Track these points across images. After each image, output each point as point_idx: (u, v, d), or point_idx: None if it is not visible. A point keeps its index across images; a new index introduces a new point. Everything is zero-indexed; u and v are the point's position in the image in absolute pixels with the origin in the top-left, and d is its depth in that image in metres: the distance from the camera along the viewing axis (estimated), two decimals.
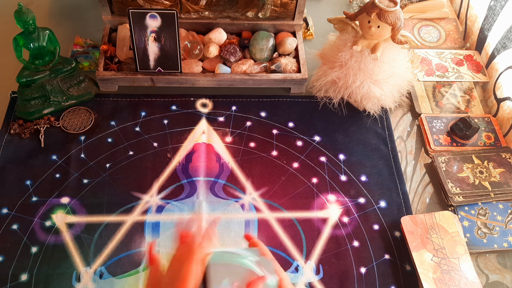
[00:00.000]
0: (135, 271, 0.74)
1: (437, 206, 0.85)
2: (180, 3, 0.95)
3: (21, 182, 0.82)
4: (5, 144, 0.87)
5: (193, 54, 0.95)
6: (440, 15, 1.12)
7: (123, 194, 0.82)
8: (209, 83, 0.95)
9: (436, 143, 0.91)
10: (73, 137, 0.88)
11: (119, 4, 0.95)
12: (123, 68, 0.95)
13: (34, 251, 0.75)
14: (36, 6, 1.09)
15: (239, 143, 0.89)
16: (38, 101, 0.90)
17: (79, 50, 0.99)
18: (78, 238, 0.77)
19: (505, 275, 0.78)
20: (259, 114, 0.94)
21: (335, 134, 0.92)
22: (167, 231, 0.78)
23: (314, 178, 0.86)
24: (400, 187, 0.86)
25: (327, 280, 0.75)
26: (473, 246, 0.79)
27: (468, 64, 1.03)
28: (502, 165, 0.87)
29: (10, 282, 0.72)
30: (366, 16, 0.82)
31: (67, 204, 0.80)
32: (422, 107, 0.96)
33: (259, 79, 0.94)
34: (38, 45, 0.84)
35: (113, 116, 0.92)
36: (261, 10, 0.96)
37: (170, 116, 0.92)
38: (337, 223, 0.81)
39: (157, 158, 0.86)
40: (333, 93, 0.93)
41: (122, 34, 0.97)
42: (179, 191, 0.83)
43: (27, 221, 0.78)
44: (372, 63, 0.86)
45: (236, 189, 0.84)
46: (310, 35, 1.07)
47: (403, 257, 0.78)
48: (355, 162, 0.88)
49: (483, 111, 0.97)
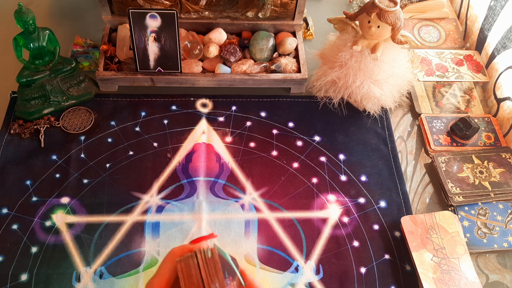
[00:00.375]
0: (135, 271, 0.74)
1: (437, 206, 0.85)
2: (180, 3, 0.95)
3: (21, 182, 0.82)
4: (5, 144, 0.87)
5: (193, 54, 0.95)
6: (440, 15, 1.12)
7: (123, 194, 0.82)
8: (209, 83, 0.95)
9: (436, 143, 0.91)
10: (73, 137, 0.88)
11: (119, 4, 0.95)
12: (123, 68, 0.95)
13: (34, 251, 0.75)
14: (36, 6, 1.09)
15: (239, 143, 0.89)
16: (38, 101, 0.90)
17: (79, 50, 0.99)
18: (78, 238, 0.77)
19: (505, 275, 0.77)
20: (259, 114, 0.94)
21: (335, 134, 0.92)
22: (167, 231, 0.78)
23: (314, 178, 0.86)
24: (400, 187, 0.86)
25: (327, 280, 0.75)
26: (473, 246, 0.79)
27: (468, 64, 1.03)
28: (502, 165, 0.87)
29: (10, 282, 0.72)
30: (366, 16, 0.82)
31: (67, 204, 0.80)
32: (422, 107, 0.96)
33: (259, 79, 0.94)
34: (38, 45, 0.84)
35: (113, 116, 0.92)
36: (261, 10, 0.96)
37: (170, 116, 0.92)
38: (337, 223, 0.81)
39: (157, 158, 0.86)
40: (333, 93, 0.93)
41: (122, 34, 0.97)
42: (179, 191, 0.83)
43: (27, 221, 0.78)
44: (372, 63, 0.86)
45: (236, 189, 0.84)
46: (310, 35, 1.07)
47: (403, 257, 0.78)
48: (355, 162, 0.88)
49: (483, 111, 0.97)
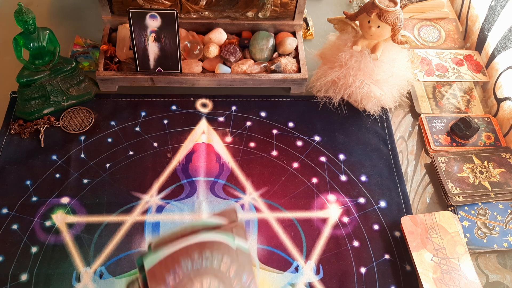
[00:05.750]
0: (135, 271, 0.74)
1: (437, 206, 0.85)
2: (180, 3, 0.95)
3: (21, 182, 0.82)
4: (5, 144, 0.87)
5: (193, 54, 0.95)
6: (440, 15, 1.12)
7: (123, 194, 0.82)
8: (209, 83, 0.95)
9: (436, 143, 0.91)
10: (73, 137, 0.88)
11: (119, 4, 0.95)
12: (123, 68, 0.95)
13: (34, 251, 0.75)
14: (36, 6, 1.09)
15: (239, 143, 0.89)
16: (38, 101, 0.90)
17: (79, 50, 0.99)
18: (78, 238, 0.77)
19: (505, 275, 0.77)
20: (259, 114, 0.94)
21: (335, 134, 0.92)
22: (167, 231, 0.78)
23: (314, 178, 0.86)
24: (400, 187, 0.86)
25: (327, 280, 0.75)
26: (473, 246, 0.79)
27: (468, 64, 1.03)
28: (502, 165, 0.87)
29: (10, 282, 0.72)
30: (366, 16, 0.82)
31: (67, 204, 0.80)
32: (422, 107, 0.96)
33: (259, 79, 0.94)
34: (38, 45, 0.84)
35: (113, 116, 0.92)
36: (261, 10, 0.96)
37: (170, 116, 0.92)
38: (337, 223, 0.81)
39: (157, 158, 0.86)
40: (333, 93, 0.93)
41: (122, 34, 0.97)
42: (179, 191, 0.83)
43: (27, 221, 0.78)
44: (372, 63, 0.86)
45: (236, 189, 0.84)
46: (310, 35, 1.07)
47: (403, 257, 0.78)
48: (355, 162, 0.88)
49: (483, 111, 0.97)
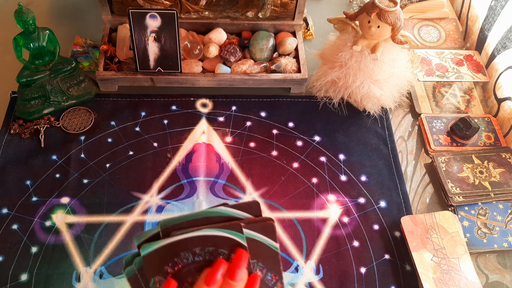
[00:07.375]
0: None
1: (437, 206, 0.85)
2: (180, 3, 0.95)
3: (21, 182, 0.82)
4: (5, 144, 0.87)
5: (193, 54, 0.95)
6: (440, 15, 1.12)
7: (123, 194, 0.82)
8: (209, 83, 0.95)
9: (436, 143, 0.91)
10: (73, 137, 0.88)
11: (119, 4, 0.95)
12: (123, 68, 0.94)
13: (34, 251, 0.75)
14: (36, 6, 1.09)
15: (239, 143, 0.89)
16: (38, 101, 0.90)
17: (79, 50, 0.99)
18: (78, 238, 0.77)
19: (505, 275, 0.77)
20: (259, 114, 0.94)
21: (335, 134, 0.92)
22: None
23: (314, 178, 0.86)
24: (400, 187, 0.86)
25: (327, 280, 0.75)
26: (473, 246, 0.79)
27: (468, 64, 1.03)
28: (502, 165, 0.87)
29: (10, 282, 0.72)
30: (366, 16, 0.82)
31: (67, 204, 0.80)
32: (422, 107, 0.96)
33: (259, 79, 0.94)
34: (38, 45, 0.84)
35: (113, 116, 0.92)
36: (261, 10, 0.96)
37: (170, 116, 0.92)
38: (337, 223, 0.81)
39: (157, 158, 0.86)
40: (333, 93, 0.93)
41: (122, 34, 0.97)
42: (179, 191, 0.83)
43: (27, 221, 0.78)
44: (372, 63, 0.86)
45: (236, 189, 0.84)
46: (310, 35, 1.07)
47: (403, 257, 0.78)
48: (355, 162, 0.88)
49: (483, 111, 0.97)
